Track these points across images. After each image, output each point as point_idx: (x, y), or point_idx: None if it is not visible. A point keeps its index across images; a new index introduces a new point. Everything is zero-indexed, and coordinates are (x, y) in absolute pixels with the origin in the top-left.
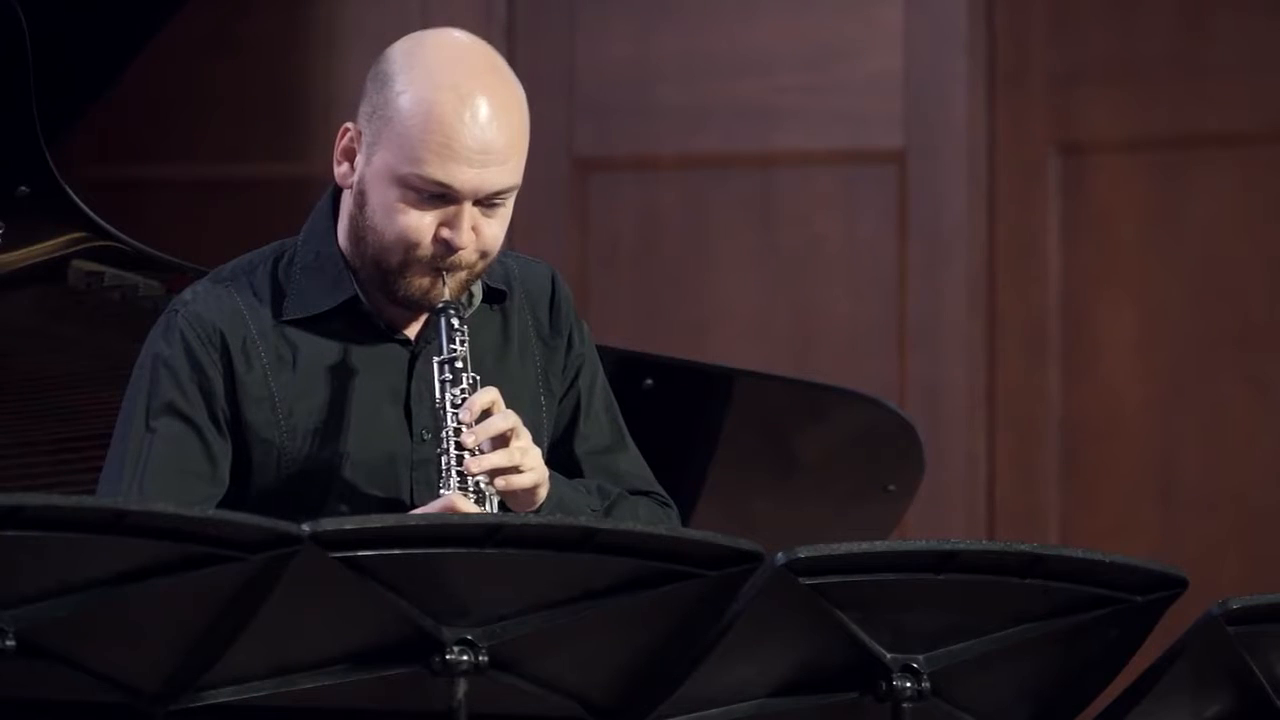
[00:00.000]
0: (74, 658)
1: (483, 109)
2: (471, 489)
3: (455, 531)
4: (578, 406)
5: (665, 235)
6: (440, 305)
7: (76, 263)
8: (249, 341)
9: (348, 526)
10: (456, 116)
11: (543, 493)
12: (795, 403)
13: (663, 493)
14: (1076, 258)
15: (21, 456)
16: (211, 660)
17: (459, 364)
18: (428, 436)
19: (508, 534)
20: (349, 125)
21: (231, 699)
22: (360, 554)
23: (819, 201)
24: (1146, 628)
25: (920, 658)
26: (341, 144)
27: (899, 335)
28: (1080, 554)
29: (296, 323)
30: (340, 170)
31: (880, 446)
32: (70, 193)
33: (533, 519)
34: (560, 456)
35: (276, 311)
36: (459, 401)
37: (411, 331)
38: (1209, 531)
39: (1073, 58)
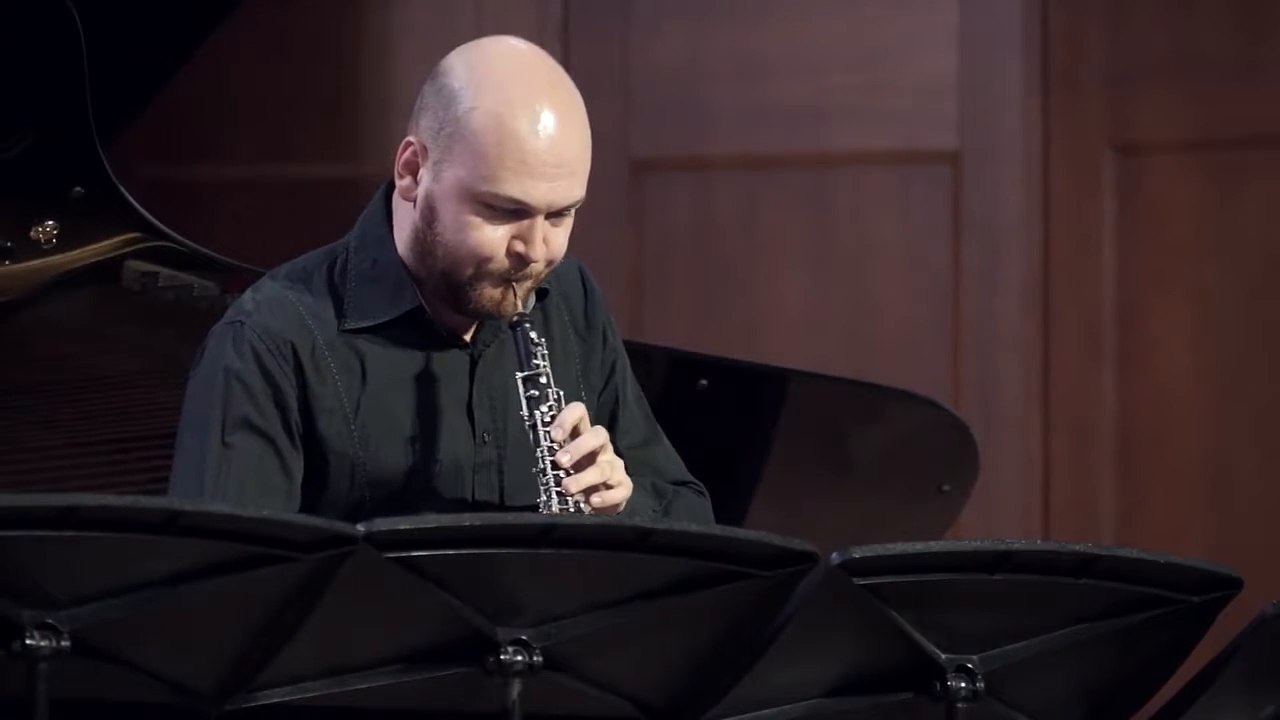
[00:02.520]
0: (128, 658)
1: (555, 124)
2: (571, 508)
3: (509, 532)
4: (616, 401)
5: (719, 236)
6: (514, 319)
7: (131, 263)
8: (317, 352)
9: (402, 527)
10: (531, 133)
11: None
12: (850, 403)
13: (696, 481)
14: (1131, 258)
15: (76, 457)
16: (265, 660)
17: (543, 379)
18: (488, 439)
19: (562, 534)
20: (411, 139)
21: (285, 699)
22: (414, 554)
23: (873, 202)
24: (1201, 628)
25: (975, 658)
26: (403, 157)
27: (953, 335)
28: (1135, 554)
29: (359, 331)
30: (403, 184)
31: (935, 447)
32: (125, 193)
33: (587, 520)
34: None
35: (339, 320)
36: (549, 419)
37: (468, 335)
38: (1264, 532)
39: (1128, 58)
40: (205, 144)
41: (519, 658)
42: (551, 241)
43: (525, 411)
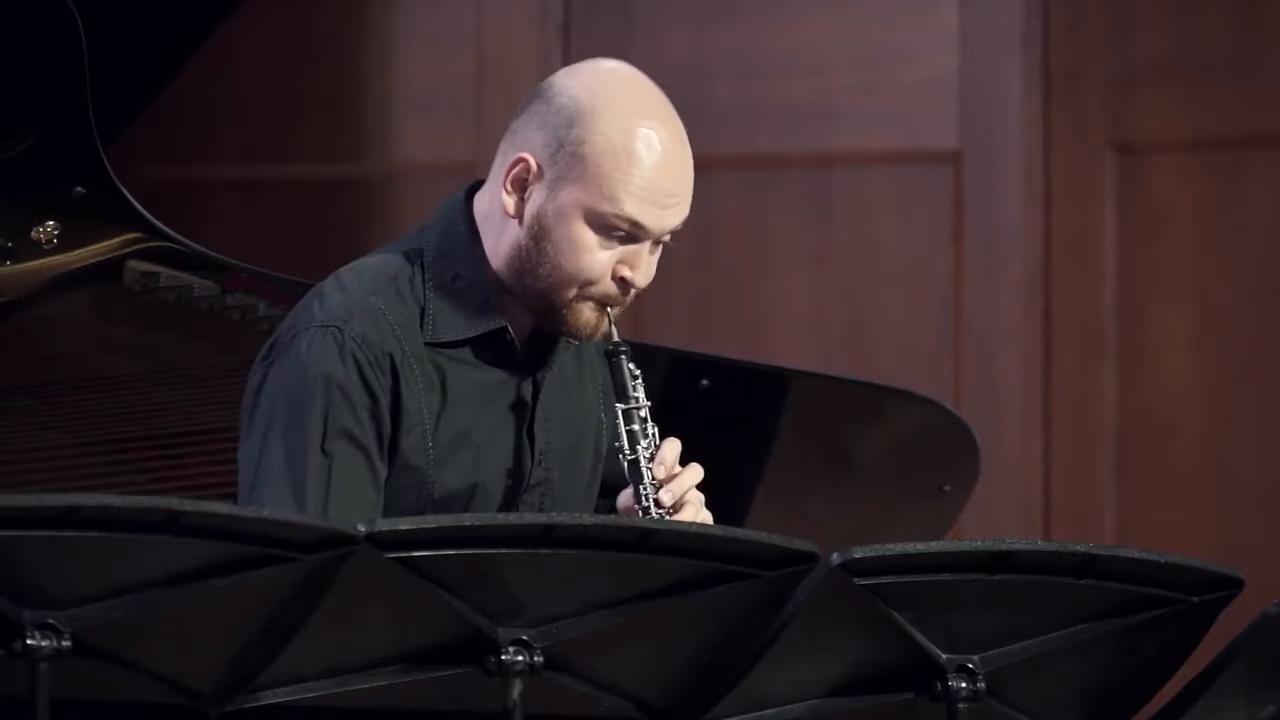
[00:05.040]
0: (129, 658)
1: (675, 149)
2: None
3: (510, 532)
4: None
5: (720, 236)
6: (611, 347)
7: (132, 263)
8: (406, 365)
9: (403, 527)
10: (653, 158)
11: None
12: (851, 403)
13: None
14: (1132, 258)
15: (78, 456)
16: (266, 661)
17: (642, 412)
18: (542, 459)
19: (562, 534)
20: (524, 156)
21: (286, 699)
22: (416, 554)
23: (874, 202)
24: (1202, 628)
25: (975, 658)
26: (512, 174)
27: (954, 336)
28: (1136, 554)
29: (439, 345)
30: (509, 200)
31: (936, 447)
32: (126, 193)
33: (587, 520)
34: (614, 469)
35: (422, 333)
36: (650, 455)
37: (531, 353)
38: (1265, 532)
39: (1129, 58)
40: (205, 144)
41: (520, 658)
42: (651, 267)
43: (625, 445)
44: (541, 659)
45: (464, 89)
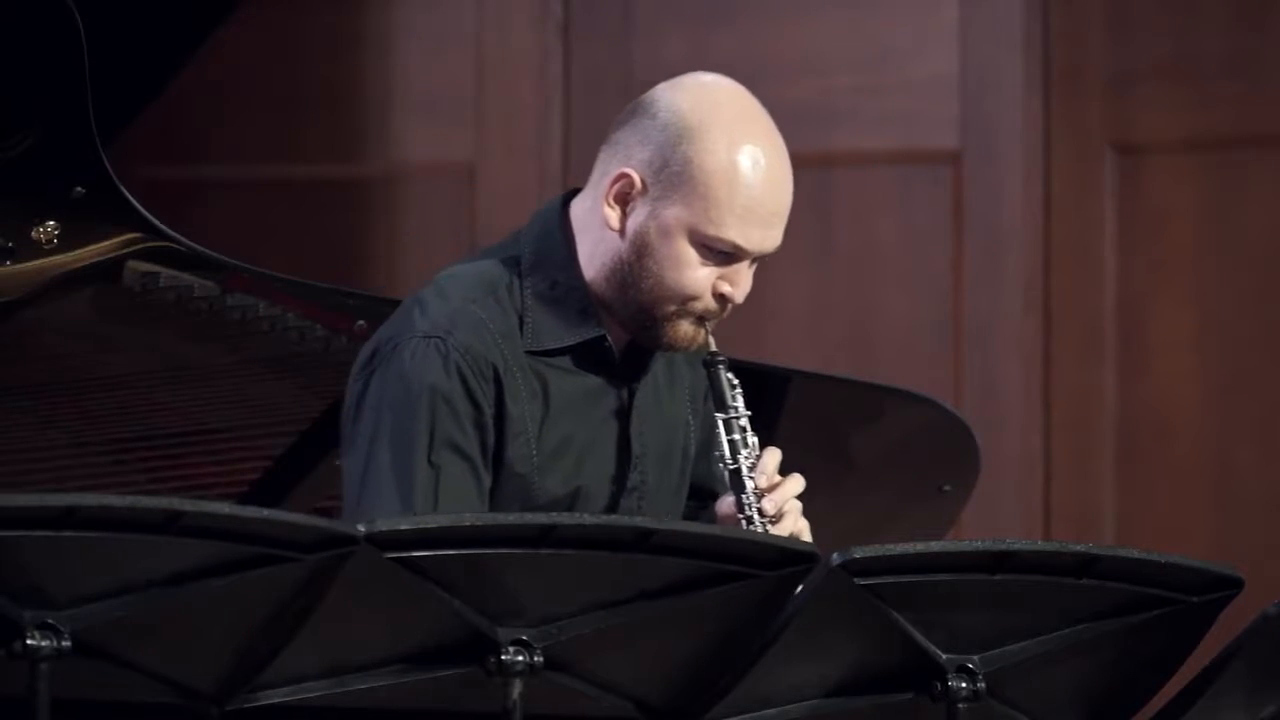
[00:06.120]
0: (129, 658)
1: (779, 172)
2: None
3: (510, 532)
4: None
5: None
6: (709, 358)
7: (132, 263)
8: (509, 374)
9: (403, 526)
10: (759, 181)
11: None
12: (851, 403)
13: None
14: (1132, 258)
15: (78, 456)
16: (266, 661)
17: (742, 422)
18: (637, 465)
19: (562, 534)
20: (628, 171)
21: (286, 699)
22: (415, 554)
23: (875, 202)
24: (1202, 628)
25: (975, 658)
26: (615, 189)
27: (955, 335)
28: (1136, 554)
29: (540, 353)
30: (611, 214)
31: (936, 447)
32: (125, 193)
33: (587, 519)
34: (700, 472)
35: (521, 341)
36: (751, 464)
37: (626, 359)
38: (1265, 532)
39: (1129, 57)
40: (205, 144)
41: (519, 658)
42: (749, 283)
43: (727, 455)
44: (541, 659)
45: (464, 89)
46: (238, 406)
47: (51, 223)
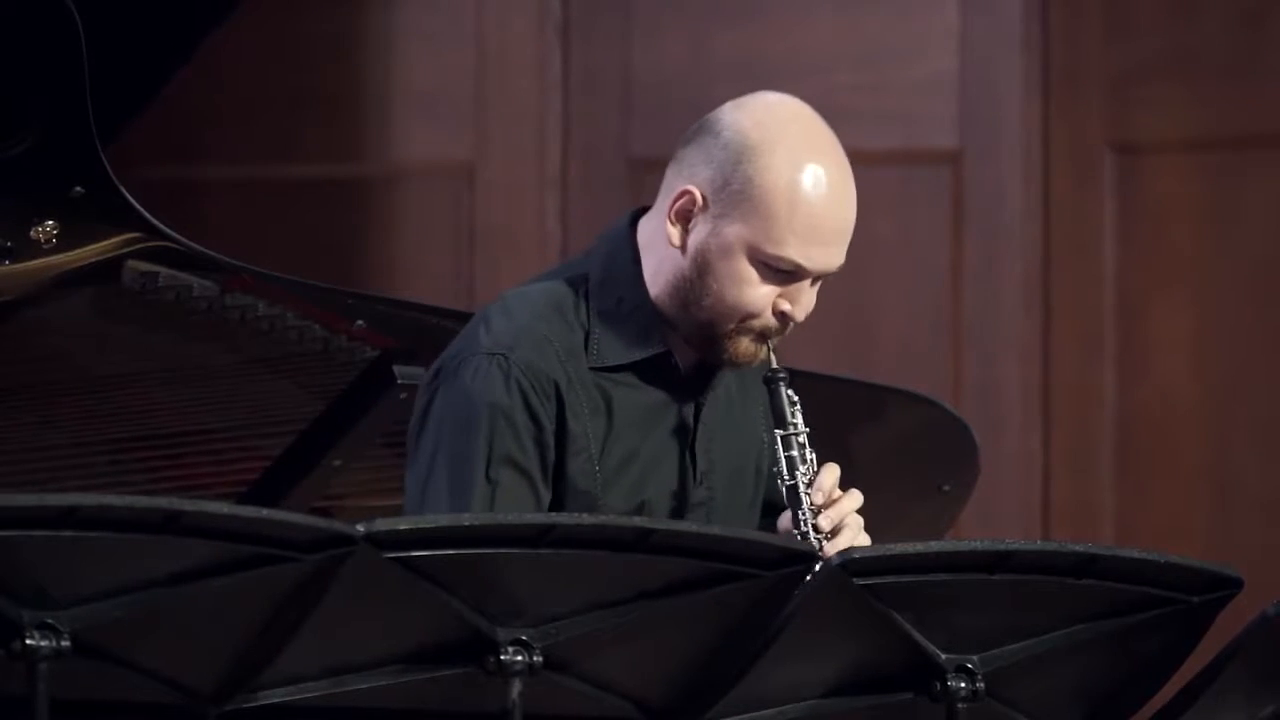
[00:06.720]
0: (128, 658)
1: (842, 192)
2: None
3: (509, 532)
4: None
5: None
6: (770, 374)
7: (131, 263)
8: (572, 391)
9: (402, 526)
10: (821, 201)
11: None
12: (850, 402)
13: None
14: (1132, 257)
15: (78, 456)
16: (266, 661)
17: (800, 438)
18: (703, 480)
19: (561, 534)
20: (690, 189)
21: (285, 699)
22: (415, 554)
23: (874, 201)
24: (1202, 628)
25: (975, 658)
26: (677, 206)
27: (954, 335)
28: (1135, 554)
29: (604, 369)
30: (673, 231)
31: (936, 446)
32: (125, 193)
33: (586, 519)
34: (774, 489)
35: (586, 357)
36: (809, 480)
37: (692, 375)
38: (1265, 532)
39: (1129, 57)
40: (205, 144)
41: (519, 658)
42: (811, 301)
43: (784, 470)
44: (541, 659)
45: (464, 89)
46: (237, 406)
47: (51, 222)
